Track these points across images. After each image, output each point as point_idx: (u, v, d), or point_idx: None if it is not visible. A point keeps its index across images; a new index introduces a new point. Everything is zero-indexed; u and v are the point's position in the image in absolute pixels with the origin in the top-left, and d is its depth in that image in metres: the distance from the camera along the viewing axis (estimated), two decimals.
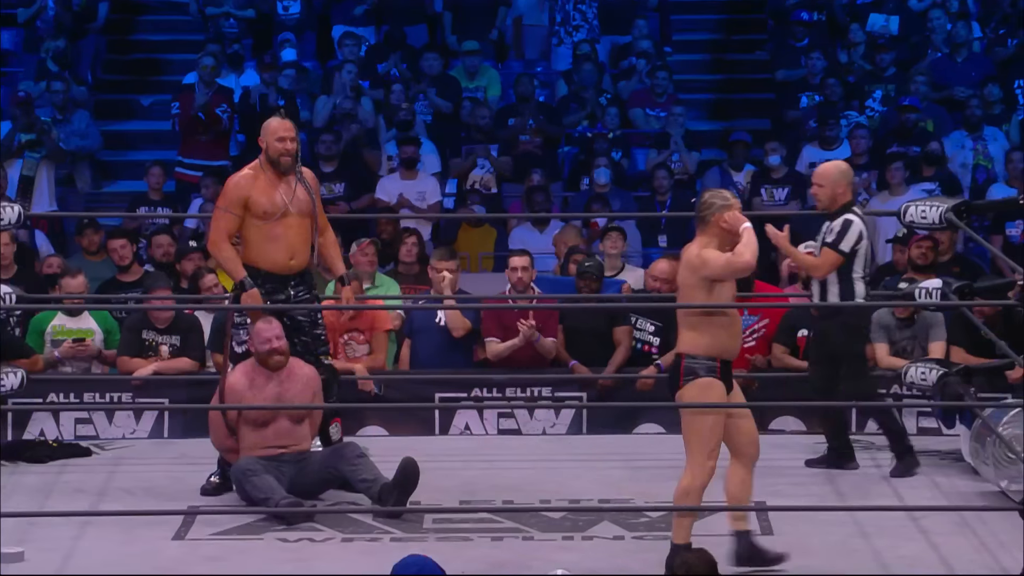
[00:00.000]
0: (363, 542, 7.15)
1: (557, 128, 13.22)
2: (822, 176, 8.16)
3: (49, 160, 12.59)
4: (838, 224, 8.03)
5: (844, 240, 7.99)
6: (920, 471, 8.25)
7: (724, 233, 6.76)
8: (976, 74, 13.49)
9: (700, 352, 6.71)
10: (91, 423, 9.28)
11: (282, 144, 7.67)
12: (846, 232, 8.00)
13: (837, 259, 7.99)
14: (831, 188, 8.06)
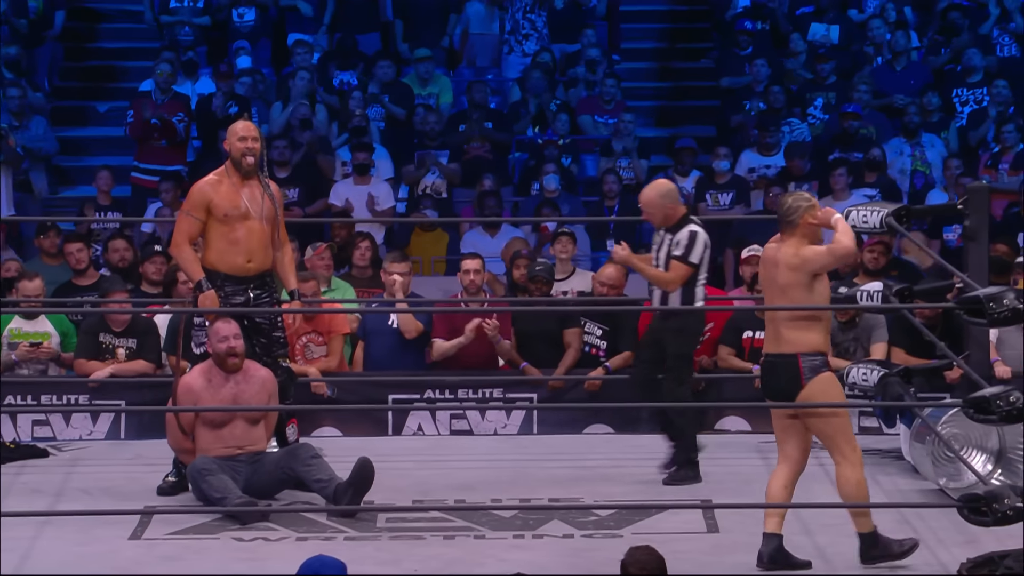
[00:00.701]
0: (317, 541, 7.13)
1: (507, 134, 13.23)
2: (646, 204, 8.03)
3: (6, 165, 12.50)
4: (684, 237, 7.93)
5: (693, 251, 7.92)
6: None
7: (812, 233, 6.83)
8: (915, 82, 13.58)
9: (812, 350, 6.77)
10: (48, 425, 9.23)
11: (243, 144, 7.68)
12: (693, 243, 7.93)
13: (688, 271, 7.93)
14: (659, 211, 7.96)
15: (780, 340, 6.80)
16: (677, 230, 7.96)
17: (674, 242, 7.94)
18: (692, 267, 7.93)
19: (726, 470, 8.23)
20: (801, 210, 6.81)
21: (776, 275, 6.84)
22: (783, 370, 6.79)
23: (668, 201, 7.97)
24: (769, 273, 6.90)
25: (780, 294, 6.83)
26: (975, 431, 7.75)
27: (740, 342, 9.54)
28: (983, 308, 6.48)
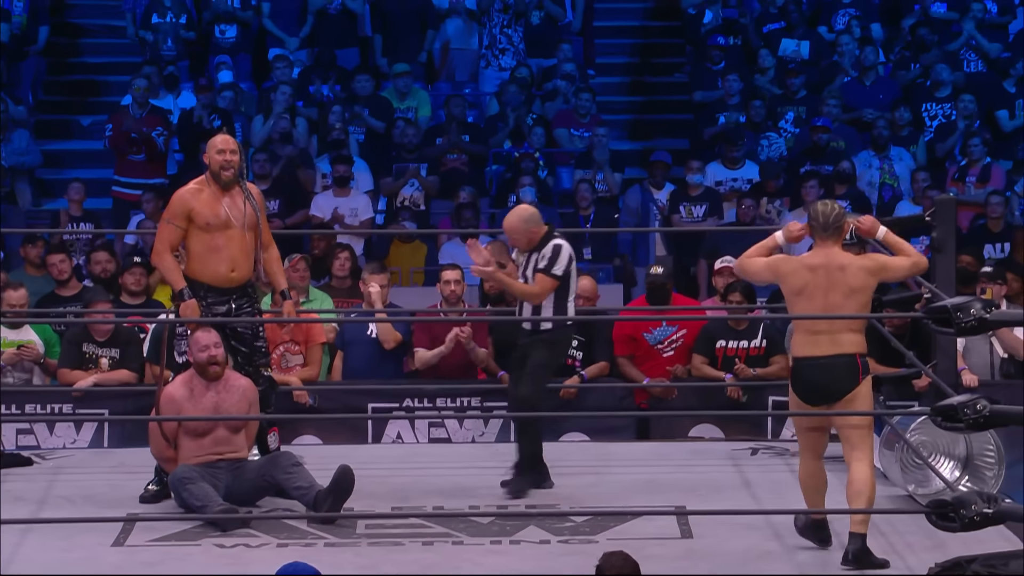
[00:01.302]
0: (298, 547, 7.12)
1: (484, 147, 13.24)
2: (510, 230, 7.90)
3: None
4: (549, 250, 7.84)
5: (556, 264, 7.84)
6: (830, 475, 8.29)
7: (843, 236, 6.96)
8: (883, 97, 13.64)
9: (865, 351, 6.92)
10: (32, 433, 9.20)
11: (222, 156, 7.66)
12: (557, 256, 7.84)
13: (552, 283, 7.83)
14: (523, 235, 7.87)
15: (840, 342, 6.84)
16: (543, 246, 7.89)
17: (540, 256, 7.87)
18: (556, 279, 7.83)
19: (700, 477, 8.24)
20: (843, 216, 6.94)
21: (846, 279, 6.87)
22: (843, 370, 6.86)
23: (531, 225, 7.86)
24: (833, 277, 6.88)
25: (845, 298, 6.87)
26: (943, 438, 7.77)
27: (713, 351, 9.56)
28: (950, 318, 6.50)
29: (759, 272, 7.09)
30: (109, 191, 12.94)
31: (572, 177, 13.07)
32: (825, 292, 6.90)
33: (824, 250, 6.96)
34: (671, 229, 12.31)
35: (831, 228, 6.90)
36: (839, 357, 6.85)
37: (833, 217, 6.91)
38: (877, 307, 8.07)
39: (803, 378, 6.91)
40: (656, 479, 8.22)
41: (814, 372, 6.89)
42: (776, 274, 7.04)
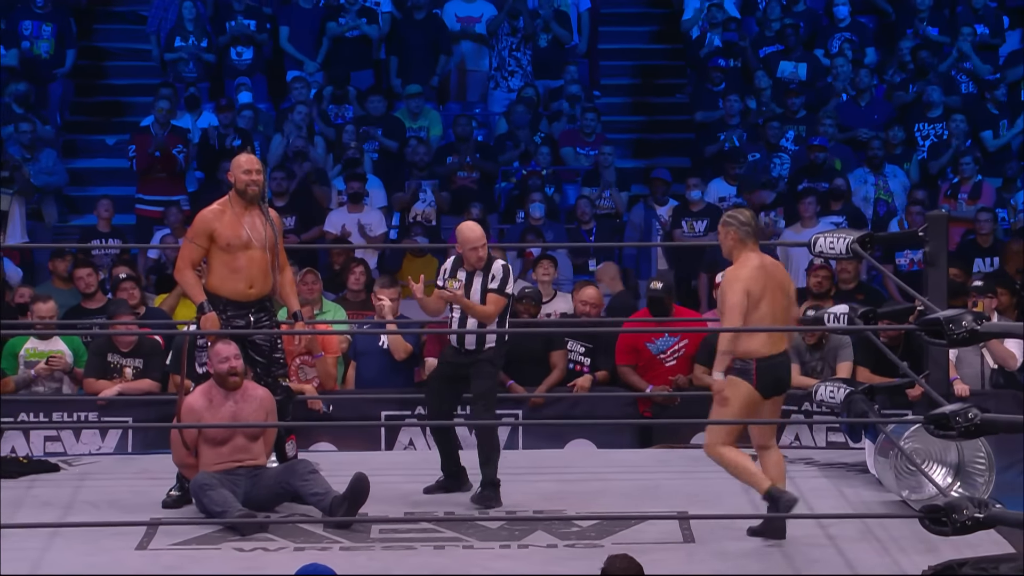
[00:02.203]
0: (314, 551, 7.11)
1: (493, 165, 13.25)
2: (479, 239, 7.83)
3: (20, 195, 12.51)
4: (499, 270, 7.81)
5: (508, 284, 7.83)
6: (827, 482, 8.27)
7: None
8: (878, 117, 13.64)
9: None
10: (59, 440, 9.22)
11: (248, 176, 7.70)
12: (508, 277, 7.85)
13: (504, 302, 7.82)
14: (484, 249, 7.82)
15: (782, 340, 7.13)
16: (490, 266, 7.85)
17: (490, 276, 7.83)
18: (507, 297, 7.84)
19: (701, 483, 8.23)
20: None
21: (787, 284, 7.20)
22: (788, 366, 7.25)
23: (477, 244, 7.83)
24: (780, 281, 7.17)
25: (789, 301, 7.17)
26: (935, 446, 7.76)
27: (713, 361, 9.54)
28: (943, 329, 6.50)
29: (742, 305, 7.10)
30: (133, 208, 12.97)
31: (578, 194, 13.08)
32: (773, 293, 7.13)
33: (758, 254, 7.14)
34: (671, 244, 12.32)
35: (762, 234, 7.13)
36: (784, 355, 7.22)
37: (762, 225, 7.07)
38: (872, 319, 8.07)
39: (771, 374, 7.10)
40: (659, 485, 8.21)
41: (780, 368, 7.15)
42: (751, 294, 7.11)
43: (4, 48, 13.82)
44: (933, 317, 6.57)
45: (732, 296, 7.08)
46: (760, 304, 7.08)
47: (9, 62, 13.75)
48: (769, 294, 7.11)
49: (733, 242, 7.20)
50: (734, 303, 7.07)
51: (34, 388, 9.46)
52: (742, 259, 7.17)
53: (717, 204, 12.71)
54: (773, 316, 7.16)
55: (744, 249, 7.16)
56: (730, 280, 7.13)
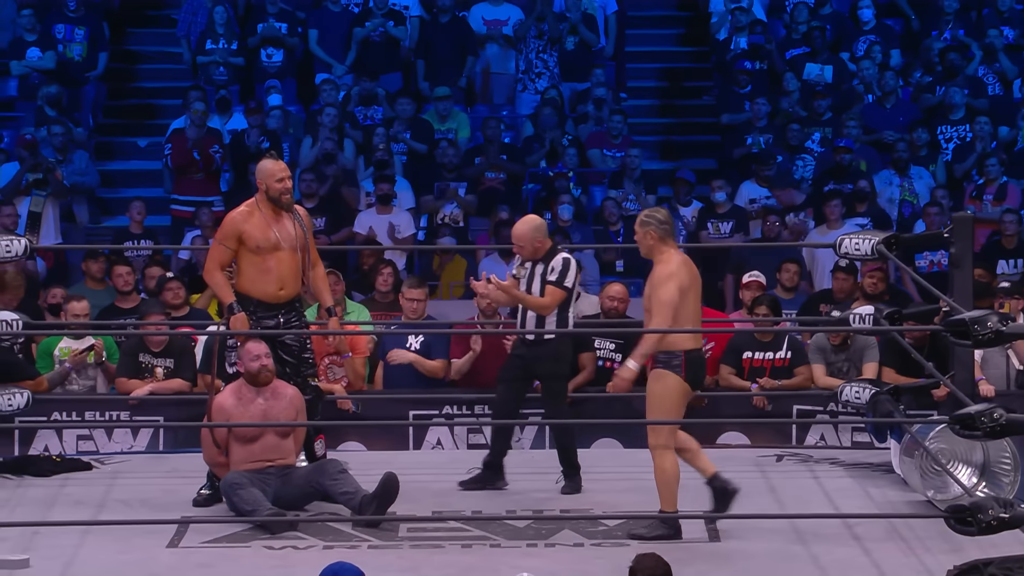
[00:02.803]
0: (343, 549, 7.13)
1: (521, 167, 13.25)
2: (519, 237, 7.90)
3: (54, 197, 12.57)
4: (558, 263, 7.83)
5: (567, 277, 7.84)
6: (853, 482, 8.26)
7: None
8: (903, 119, 13.60)
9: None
10: (92, 439, 9.25)
11: (281, 184, 7.70)
12: (567, 270, 7.85)
13: (562, 294, 7.83)
14: (529, 244, 7.86)
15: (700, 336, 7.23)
16: (549, 259, 7.87)
17: (548, 269, 7.86)
18: (566, 291, 7.85)
19: None
20: None
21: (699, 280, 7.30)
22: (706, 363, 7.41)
23: (538, 235, 7.86)
24: (696, 276, 7.29)
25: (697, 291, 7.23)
26: (961, 446, 7.74)
27: (740, 362, 9.54)
28: (968, 330, 6.47)
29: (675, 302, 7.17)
30: (165, 209, 13.02)
31: (605, 196, 13.07)
32: (694, 287, 7.25)
33: (677, 251, 7.25)
34: (695, 245, 12.30)
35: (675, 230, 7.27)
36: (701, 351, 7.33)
37: (672, 219, 7.28)
38: (898, 320, 8.05)
39: (697, 368, 7.20)
40: (685, 484, 8.18)
41: (701, 363, 7.28)
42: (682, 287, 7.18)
43: (40, 51, 13.89)
44: (959, 318, 6.55)
45: (667, 293, 7.15)
46: (688, 298, 7.18)
47: (46, 65, 13.81)
48: (693, 288, 7.22)
49: (653, 241, 7.26)
50: (670, 299, 7.14)
51: (68, 387, 9.50)
52: (665, 256, 7.24)
53: (746, 206, 12.69)
54: (696, 310, 7.28)
55: (664, 246, 7.24)
56: (663, 277, 7.18)
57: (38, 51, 13.87)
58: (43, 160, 12.57)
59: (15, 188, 12.49)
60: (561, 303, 7.87)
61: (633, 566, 5.64)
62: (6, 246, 7.75)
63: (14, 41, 14.01)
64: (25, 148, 12.60)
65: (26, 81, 13.73)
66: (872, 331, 8.58)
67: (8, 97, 14.15)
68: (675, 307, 7.11)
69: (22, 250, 7.88)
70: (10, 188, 12.51)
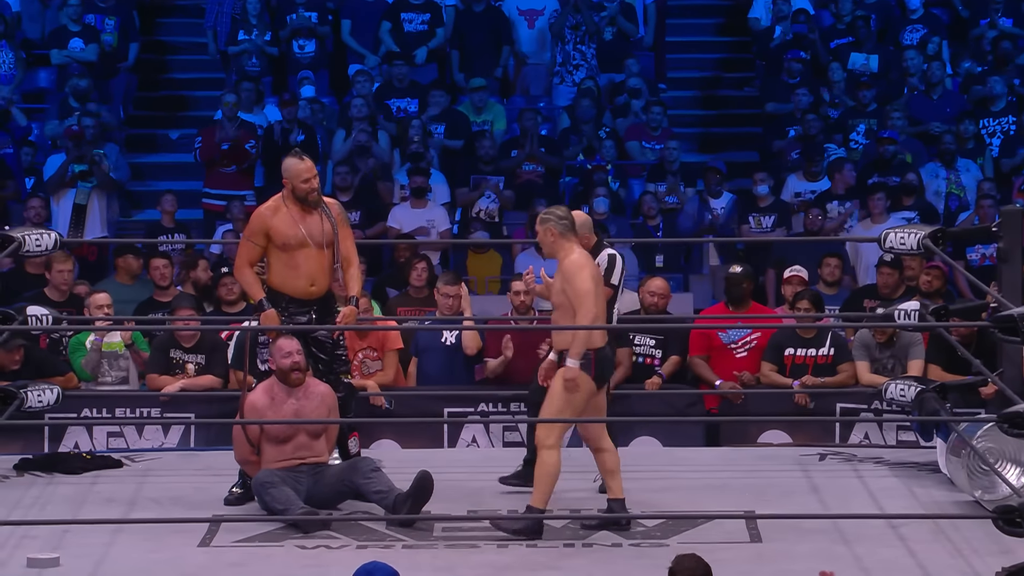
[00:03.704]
0: (376, 548, 7.14)
1: (558, 159, 13.24)
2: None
3: (100, 189, 12.61)
4: (604, 260, 7.82)
5: (613, 274, 7.82)
6: (897, 481, 8.23)
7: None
8: (951, 110, 13.52)
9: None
10: (122, 436, 9.30)
11: (307, 184, 7.70)
12: (613, 267, 7.84)
13: (609, 292, 7.77)
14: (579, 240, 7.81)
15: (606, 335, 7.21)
16: (595, 255, 7.81)
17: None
18: (613, 288, 7.84)
19: (768, 482, 8.20)
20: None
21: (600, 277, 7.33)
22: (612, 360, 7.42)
23: (584, 231, 7.81)
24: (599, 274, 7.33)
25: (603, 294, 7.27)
26: (1009, 445, 7.69)
27: (782, 359, 9.52)
28: (1017, 326, 6.44)
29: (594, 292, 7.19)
30: (196, 202, 13.06)
31: (643, 189, 13.04)
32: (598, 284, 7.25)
33: (579, 247, 7.26)
34: (730, 239, 12.27)
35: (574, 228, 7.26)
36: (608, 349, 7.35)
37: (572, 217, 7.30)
38: (944, 316, 8.01)
39: (604, 365, 7.24)
40: (726, 484, 8.19)
41: (609, 360, 7.33)
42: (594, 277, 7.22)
43: (84, 42, 13.94)
44: (1007, 314, 6.51)
45: (583, 282, 7.15)
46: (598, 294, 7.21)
47: (88, 56, 13.87)
48: (599, 282, 7.27)
49: (554, 237, 7.28)
50: (588, 288, 7.15)
51: (101, 379, 9.55)
52: (567, 251, 7.25)
53: (790, 200, 12.63)
54: (602, 308, 7.28)
55: (565, 242, 7.25)
56: (574, 268, 7.19)
57: (81, 42, 13.93)
58: (88, 151, 12.58)
59: (60, 180, 12.52)
60: (609, 299, 7.84)
61: (672, 567, 5.63)
62: (36, 240, 7.78)
63: (56, 31, 14.07)
64: (71, 139, 12.61)
65: (65, 71, 13.78)
66: (918, 327, 8.53)
67: (38, 88, 14.21)
68: (595, 295, 7.14)
69: (52, 244, 7.91)
70: (55, 180, 12.55)
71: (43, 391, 8.17)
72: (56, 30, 14.09)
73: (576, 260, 7.21)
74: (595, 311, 7.15)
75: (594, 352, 7.22)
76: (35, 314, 8.04)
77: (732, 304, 9.76)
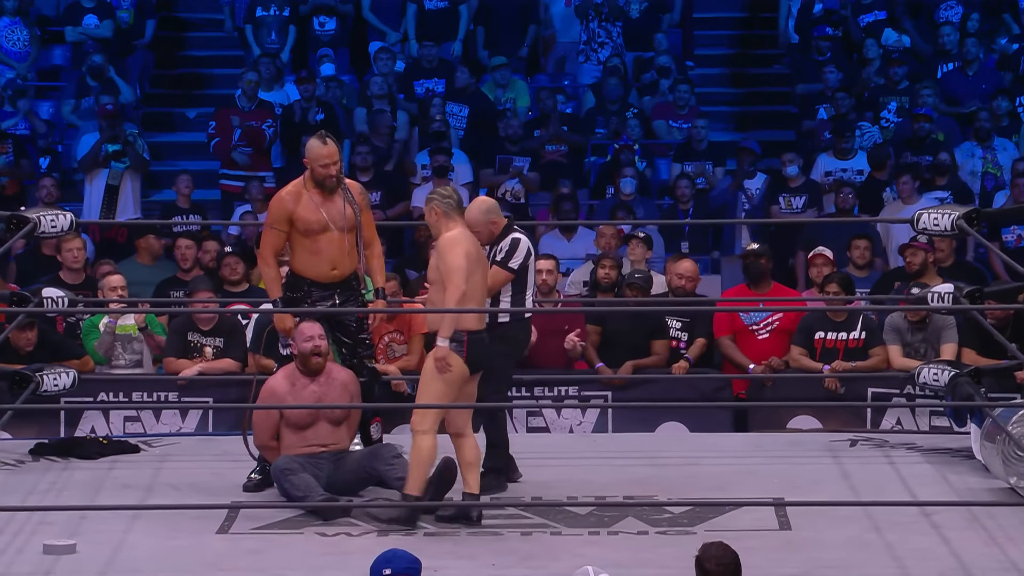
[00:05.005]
0: (398, 536, 7.14)
1: (583, 139, 13.21)
2: (472, 224, 7.66)
3: (133, 170, 12.61)
4: (507, 243, 7.74)
5: (513, 258, 7.73)
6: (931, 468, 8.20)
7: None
8: (986, 87, 13.44)
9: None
10: (139, 421, 9.32)
11: (326, 169, 7.68)
12: (515, 250, 7.74)
13: (507, 276, 7.72)
14: (484, 227, 7.72)
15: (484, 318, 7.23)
16: (502, 238, 7.78)
17: (499, 248, 7.77)
18: (511, 272, 7.74)
19: (797, 468, 8.18)
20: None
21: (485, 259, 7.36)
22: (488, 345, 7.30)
23: (491, 216, 7.76)
24: (482, 254, 7.36)
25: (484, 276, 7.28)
26: None
27: (812, 343, 9.50)
28: None
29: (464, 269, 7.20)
30: (214, 183, 13.07)
31: (670, 169, 13.01)
32: (481, 262, 7.31)
33: (463, 226, 7.29)
34: (761, 221, 12.23)
35: (462, 207, 7.28)
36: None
37: (459, 196, 7.31)
38: (979, 299, 7.98)
39: (478, 349, 7.23)
40: (754, 470, 8.17)
41: (483, 344, 7.28)
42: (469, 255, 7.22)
43: (98, 19, 13.95)
44: None
45: (455, 259, 7.19)
46: (475, 271, 7.20)
47: (103, 33, 13.88)
48: (479, 266, 7.27)
49: (437, 217, 7.32)
50: (458, 265, 7.18)
51: (114, 363, 9.57)
52: (449, 229, 7.30)
53: (821, 180, 12.58)
54: (482, 289, 7.28)
55: (449, 221, 7.30)
56: (450, 244, 7.22)
57: (95, 18, 13.93)
58: (121, 132, 12.57)
59: (93, 160, 12.52)
60: (515, 285, 7.75)
61: (699, 555, 5.62)
62: (51, 221, 7.79)
63: (70, 7, 14.09)
64: (105, 118, 12.59)
65: (80, 48, 13.79)
66: (952, 310, 8.51)
67: (53, 66, 14.22)
68: (466, 274, 7.16)
69: (68, 225, 7.92)
70: (88, 159, 12.55)
71: (59, 375, 8.20)
72: (71, 6, 14.10)
73: (451, 237, 7.26)
74: (463, 288, 7.16)
75: (467, 334, 7.22)
76: (51, 296, 8.06)
77: (751, 282, 9.76)
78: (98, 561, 6.86)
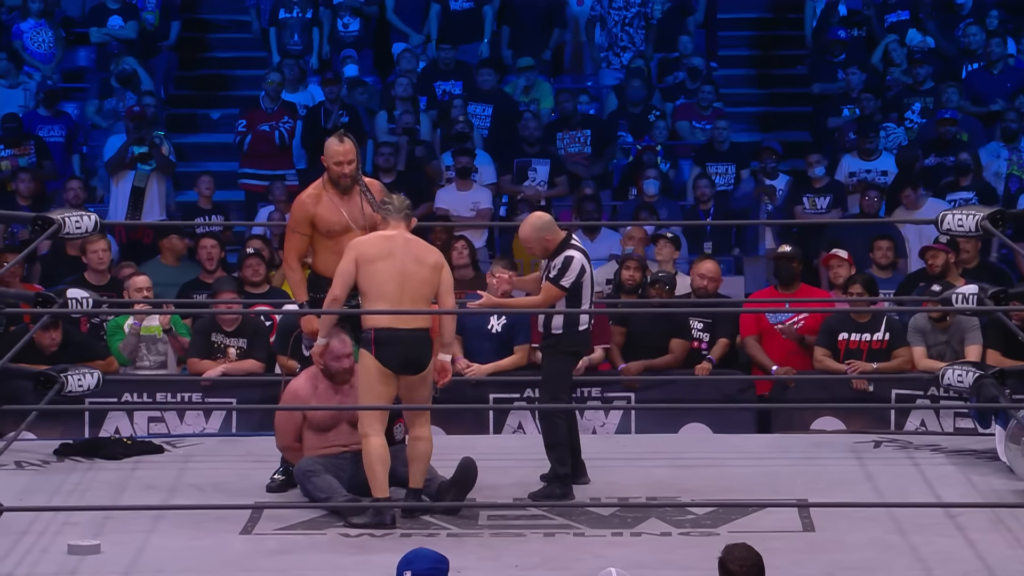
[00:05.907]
0: (420, 537, 7.15)
1: (606, 140, 13.20)
2: (525, 240, 7.84)
3: (160, 172, 12.63)
4: (559, 261, 7.73)
5: (565, 276, 7.71)
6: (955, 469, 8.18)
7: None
8: (1011, 86, 13.39)
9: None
10: (163, 421, 9.34)
11: (339, 168, 7.69)
12: (567, 268, 7.72)
13: (558, 294, 7.71)
14: (538, 244, 7.77)
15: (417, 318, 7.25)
16: (556, 255, 7.78)
17: (552, 265, 7.76)
18: (563, 290, 7.73)
19: (821, 470, 8.17)
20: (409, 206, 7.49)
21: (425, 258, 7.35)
22: (420, 345, 7.29)
23: (544, 233, 7.76)
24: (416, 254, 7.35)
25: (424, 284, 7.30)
26: None
27: (836, 344, 9.48)
28: None
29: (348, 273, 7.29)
30: (237, 184, 13.09)
31: (692, 169, 12.99)
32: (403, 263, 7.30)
33: (390, 230, 7.37)
34: (784, 222, 12.21)
35: (404, 211, 7.37)
36: (421, 331, 7.32)
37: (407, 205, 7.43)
38: (1004, 300, 7.96)
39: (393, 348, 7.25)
40: (777, 472, 8.16)
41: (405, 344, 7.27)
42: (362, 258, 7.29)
43: (123, 20, 13.99)
44: None
45: (341, 264, 7.33)
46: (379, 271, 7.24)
47: (127, 34, 13.92)
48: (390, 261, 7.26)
49: (381, 222, 7.48)
50: (341, 270, 7.32)
51: (139, 363, 9.60)
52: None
53: (845, 180, 12.56)
54: (396, 284, 7.27)
55: (385, 226, 7.43)
56: (347, 248, 7.36)
57: (120, 19, 13.97)
58: (148, 133, 12.59)
59: (120, 161, 12.55)
60: (568, 301, 7.73)
61: (723, 557, 5.62)
62: (76, 222, 7.82)
63: (95, 8, 14.13)
64: (132, 120, 12.61)
65: (104, 50, 13.83)
66: (977, 311, 8.48)
67: (78, 67, 14.27)
68: (348, 278, 7.27)
69: (92, 226, 7.95)
70: (115, 161, 12.58)
71: (83, 375, 8.23)
72: (96, 8, 14.14)
73: (352, 243, 7.37)
74: (336, 293, 7.28)
75: (373, 331, 7.26)
76: (75, 297, 8.09)
77: (781, 284, 9.76)
78: (122, 561, 6.88)
